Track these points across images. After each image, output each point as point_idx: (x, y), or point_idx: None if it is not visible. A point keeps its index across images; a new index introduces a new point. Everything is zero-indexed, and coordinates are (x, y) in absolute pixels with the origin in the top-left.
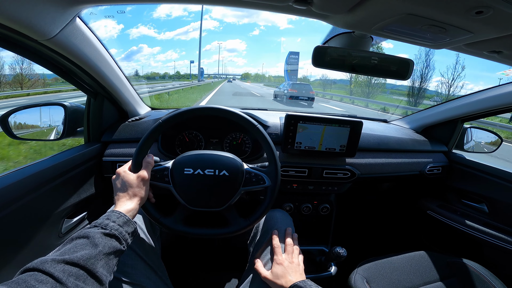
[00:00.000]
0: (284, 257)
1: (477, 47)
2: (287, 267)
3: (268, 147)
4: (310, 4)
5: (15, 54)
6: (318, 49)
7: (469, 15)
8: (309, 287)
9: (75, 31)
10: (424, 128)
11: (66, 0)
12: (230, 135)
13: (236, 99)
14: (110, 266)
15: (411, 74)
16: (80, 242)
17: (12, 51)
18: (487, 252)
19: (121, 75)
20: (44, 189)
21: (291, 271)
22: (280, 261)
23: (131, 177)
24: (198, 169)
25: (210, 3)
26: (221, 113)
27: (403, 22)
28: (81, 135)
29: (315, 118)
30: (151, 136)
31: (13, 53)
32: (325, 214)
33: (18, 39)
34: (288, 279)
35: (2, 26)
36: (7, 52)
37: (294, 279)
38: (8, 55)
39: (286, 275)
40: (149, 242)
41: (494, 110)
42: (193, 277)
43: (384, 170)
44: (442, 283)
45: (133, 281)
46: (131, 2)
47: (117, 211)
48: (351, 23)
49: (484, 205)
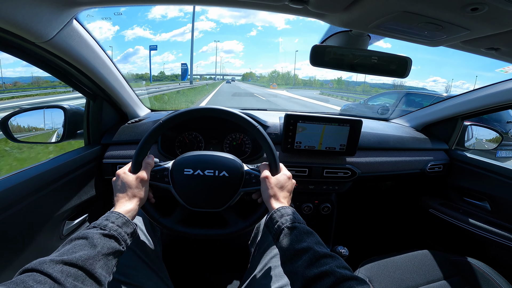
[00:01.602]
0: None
1: (474, 44)
2: (290, 186)
3: (268, 148)
4: (306, 3)
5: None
6: (315, 48)
7: (464, 12)
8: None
9: (72, 33)
10: (424, 126)
11: (63, 2)
12: (230, 135)
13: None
14: (109, 267)
15: (409, 72)
16: (79, 243)
17: (9, 53)
18: (490, 250)
19: (120, 77)
20: (45, 191)
21: (287, 193)
22: (289, 175)
23: (130, 178)
24: (198, 169)
25: (206, 4)
26: (220, 113)
27: (399, 19)
28: (81, 137)
29: (315, 118)
30: (151, 137)
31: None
32: (326, 213)
33: (15, 41)
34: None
35: None
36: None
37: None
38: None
39: (284, 191)
40: (149, 243)
41: (494, 107)
42: (194, 278)
43: (384, 169)
44: (445, 281)
45: (134, 282)
46: (127, 3)
47: (116, 212)
48: (348, 21)
49: (486, 203)
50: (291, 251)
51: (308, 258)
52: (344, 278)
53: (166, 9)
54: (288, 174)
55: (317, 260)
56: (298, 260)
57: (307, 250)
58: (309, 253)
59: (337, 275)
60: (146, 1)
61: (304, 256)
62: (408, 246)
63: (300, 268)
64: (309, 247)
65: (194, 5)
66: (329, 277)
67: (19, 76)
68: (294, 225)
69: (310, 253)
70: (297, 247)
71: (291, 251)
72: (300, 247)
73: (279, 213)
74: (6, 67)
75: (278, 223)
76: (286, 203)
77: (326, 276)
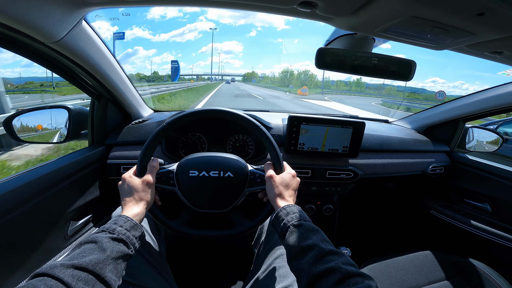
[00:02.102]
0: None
1: (478, 48)
2: (295, 184)
3: (271, 147)
4: (314, 7)
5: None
6: (321, 51)
7: (471, 17)
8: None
9: (81, 33)
10: (426, 128)
11: (73, 3)
12: (233, 137)
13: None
14: (118, 271)
15: (413, 75)
16: (89, 247)
17: (18, 53)
18: (491, 251)
19: (125, 77)
20: (50, 192)
21: (293, 191)
22: (294, 174)
23: (136, 182)
24: (203, 171)
25: (214, 6)
26: (224, 115)
27: (406, 24)
28: (84, 137)
29: (318, 119)
30: (155, 140)
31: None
32: (329, 214)
33: (24, 41)
34: (287, 194)
35: (10, 28)
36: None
37: (291, 200)
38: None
39: (289, 189)
40: (154, 244)
41: (495, 109)
42: (198, 279)
43: (386, 170)
44: (446, 282)
45: (139, 282)
46: (136, 4)
47: (124, 216)
48: (355, 25)
49: (487, 204)
50: (297, 248)
51: (314, 255)
52: (349, 274)
53: (165, 9)
54: (293, 172)
55: (322, 257)
56: (304, 257)
57: (313, 247)
58: (314, 250)
59: (342, 272)
60: (154, 2)
61: (310, 253)
62: (409, 247)
63: (306, 265)
64: (315, 244)
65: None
66: (334, 274)
67: (34, 76)
68: (300, 223)
69: (316, 250)
70: (303, 244)
71: (297, 248)
72: (306, 244)
73: (284, 211)
74: (5, 67)
75: (284, 221)
76: (291, 201)
77: (331, 273)
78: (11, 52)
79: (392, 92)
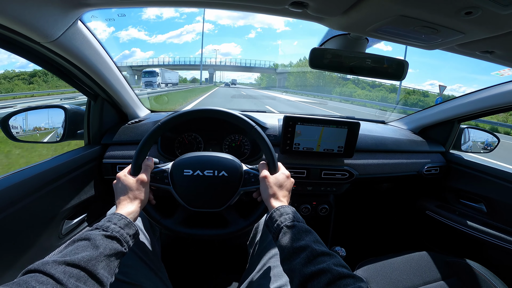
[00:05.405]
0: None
1: (469, 47)
2: (288, 185)
3: (266, 147)
4: (305, 7)
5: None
6: (314, 51)
7: (459, 16)
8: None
9: (76, 33)
10: (421, 129)
11: (70, 3)
12: (229, 137)
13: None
14: (111, 268)
15: (406, 75)
16: (82, 244)
17: (14, 53)
18: (486, 252)
19: (121, 77)
20: (44, 190)
21: (287, 192)
22: (288, 174)
23: (131, 180)
24: (197, 170)
25: (207, 7)
26: (219, 114)
27: (396, 23)
28: (81, 137)
29: (313, 120)
30: (150, 139)
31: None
32: (324, 214)
33: (20, 41)
34: (281, 195)
35: (6, 28)
36: None
37: (285, 201)
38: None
39: (283, 190)
40: (148, 243)
41: (490, 110)
42: (193, 278)
43: (382, 171)
44: (442, 282)
45: (133, 281)
46: (133, 5)
47: (118, 214)
48: (346, 25)
49: (482, 205)
50: (290, 249)
51: (305, 256)
52: (341, 276)
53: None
54: (287, 173)
55: (314, 258)
56: (296, 258)
57: (305, 248)
58: (306, 251)
59: (333, 273)
60: (151, 3)
61: (302, 254)
62: (405, 247)
63: (297, 266)
64: (307, 245)
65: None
66: (325, 275)
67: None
68: (293, 224)
69: (308, 251)
70: (295, 245)
71: (289, 249)
72: (298, 245)
73: (278, 212)
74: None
75: (277, 222)
76: (285, 202)
77: (322, 274)
78: (8, 53)
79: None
